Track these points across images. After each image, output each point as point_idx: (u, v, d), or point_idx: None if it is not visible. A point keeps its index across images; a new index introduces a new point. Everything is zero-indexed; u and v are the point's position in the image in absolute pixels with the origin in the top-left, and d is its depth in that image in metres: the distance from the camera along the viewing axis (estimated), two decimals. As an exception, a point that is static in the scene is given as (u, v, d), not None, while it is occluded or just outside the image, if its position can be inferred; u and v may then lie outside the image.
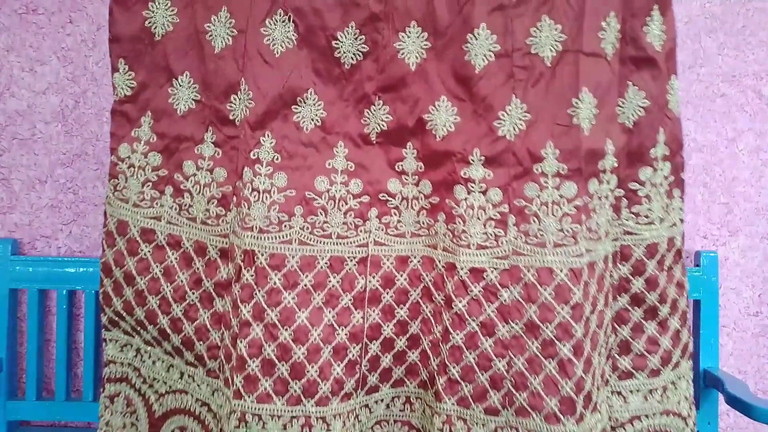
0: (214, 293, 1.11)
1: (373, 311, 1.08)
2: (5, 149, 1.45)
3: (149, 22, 1.09)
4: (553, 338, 0.99)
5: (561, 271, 1.00)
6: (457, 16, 1.00)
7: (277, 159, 1.05)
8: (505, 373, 1.01)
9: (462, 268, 1.03)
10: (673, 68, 1.07)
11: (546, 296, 1.00)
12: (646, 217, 1.09)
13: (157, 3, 1.08)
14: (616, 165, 1.05)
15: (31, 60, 1.43)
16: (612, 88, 1.02)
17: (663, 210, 1.10)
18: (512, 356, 1.01)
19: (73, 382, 1.47)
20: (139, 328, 1.17)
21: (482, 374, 1.02)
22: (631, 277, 1.11)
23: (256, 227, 1.04)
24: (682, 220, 1.13)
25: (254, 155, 1.05)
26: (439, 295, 1.06)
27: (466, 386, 1.03)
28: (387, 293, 1.08)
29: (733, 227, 1.58)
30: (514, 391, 1.00)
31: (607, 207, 1.06)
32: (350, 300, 1.07)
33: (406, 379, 1.12)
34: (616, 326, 1.12)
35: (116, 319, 1.18)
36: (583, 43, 0.98)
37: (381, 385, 1.11)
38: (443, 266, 1.06)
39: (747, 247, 1.57)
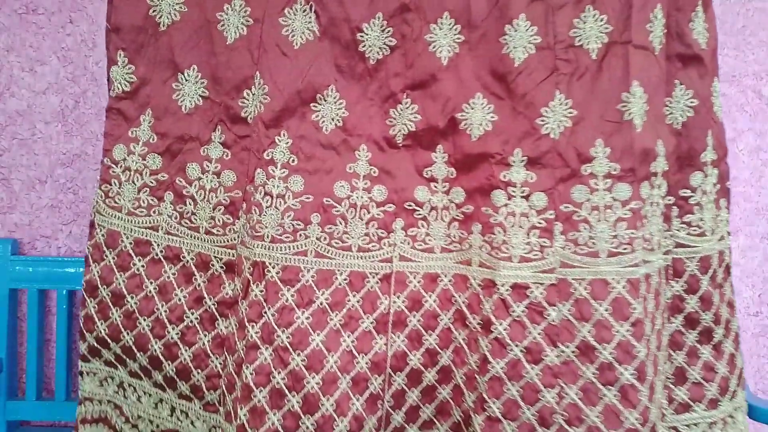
0: (216, 313, 0.90)
1: (398, 337, 0.87)
2: (5, 149, 1.35)
3: (153, 11, 0.92)
4: (612, 361, 0.80)
5: (618, 282, 0.81)
6: (493, 6, 0.86)
7: (293, 161, 0.86)
8: (555, 405, 0.80)
9: (503, 285, 0.83)
10: (716, 69, 0.92)
11: (601, 312, 0.81)
12: (698, 227, 0.92)
13: None
14: (666, 169, 0.88)
15: (31, 60, 1.34)
16: (660, 85, 0.87)
17: (713, 220, 0.93)
18: (563, 385, 0.80)
19: (73, 382, 1.34)
20: (125, 357, 0.94)
21: (528, 409, 0.81)
22: (685, 295, 0.92)
23: (268, 236, 0.84)
24: (729, 233, 0.96)
25: (268, 156, 0.86)
26: (474, 318, 0.86)
27: (509, 425, 0.81)
28: (414, 317, 0.88)
29: (733, 227, 1.45)
30: (567, 427, 0.79)
31: (659, 215, 0.88)
32: (372, 323, 0.86)
33: (436, 421, 0.89)
34: (671, 352, 0.92)
35: (98, 347, 0.95)
36: (632, 35, 0.83)
37: (407, 426, 0.88)
38: (479, 284, 0.86)
39: (747, 247, 1.45)
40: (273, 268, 0.84)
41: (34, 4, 1.33)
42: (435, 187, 0.89)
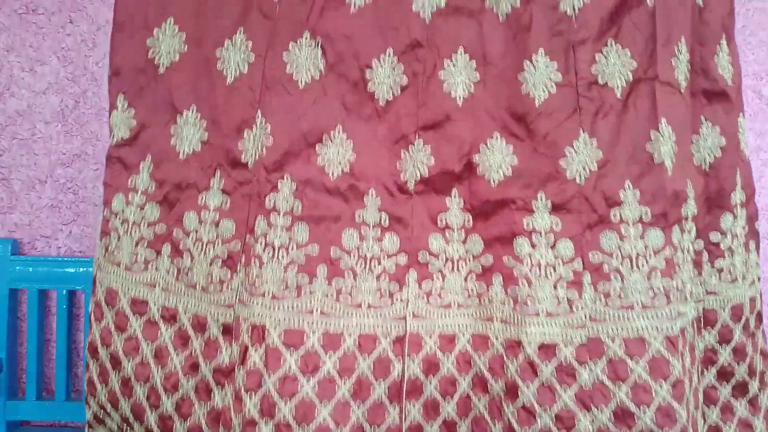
0: (212, 382, 0.76)
1: (413, 406, 0.74)
2: (5, 149, 1.30)
3: (153, 52, 0.81)
4: (654, 427, 0.69)
5: (655, 339, 0.71)
6: (510, 41, 0.77)
7: (297, 208, 0.75)
8: (592, 479, 0.69)
9: (529, 344, 0.72)
10: (741, 104, 0.85)
11: (639, 372, 0.70)
12: (730, 273, 0.82)
13: (163, 29, 0.80)
14: (695, 213, 0.80)
15: (31, 60, 1.29)
16: (687, 123, 0.79)
17: (743, 265, 0.85)
18: (600, 456, 0.70)
19: (73, 382, 1.28)
20: (126, 427, 0.80)
21: None
22: (717, 346, 0.82)
23: (269, 293, 0.73)
24: (759, 278, 0.87)
25: (270, 202, 0.75)
26: (497, 383, 0.74)
27: None
28: (430, 382, 0.75)
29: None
30: (607, 505, 0.68)
31: (689, 261, 0.79)
32: (384, 391, 0.74)
33: None
34: (704, 408, 0.83)
35: (101, 414, 0.81)
36: (658, 71, 0.75)
37: None
38: (502, 344, 0.74)
39: (747, 248, 1.36)
40: (274, 330, 0.72)
41: (34, 4, 1.28)
42: (450, 235, 0.78)
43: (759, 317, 0.85)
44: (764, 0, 1.35)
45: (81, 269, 1.25)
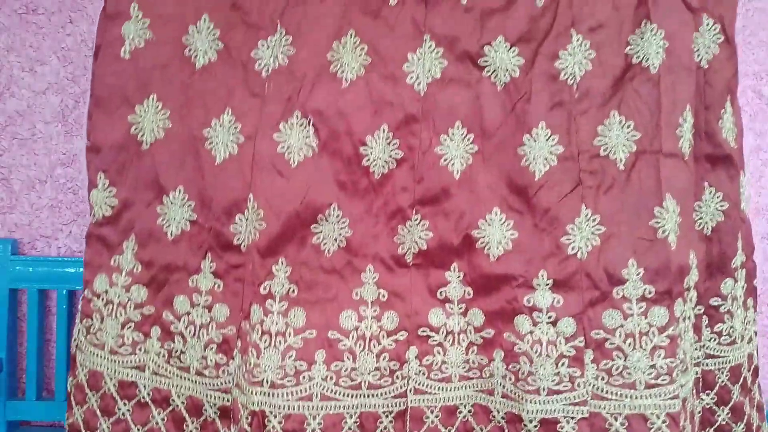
0: None
1: None
2: (5, 149, 1.28)
3: (135, 129, 0.75)
4: None
5: (657, 417, 0.69)
6: (509, 114, 0.72)
7: (293, 291, 0.71)
8: None
9: (531, 421, 0.70)
10: (743, 163, 0.81)
11: None
12: (729, 335, 0.80)
13: (145, 106, 0.74)
14: (697, 280, 0.77)
15: (31, 60, 1.26)
16: (690, 190, 0.74)
17: (742, 324, 0.82)
18: None
19: None
20: None
21: None
22: (716, 408, 0.80)
23: (267, 381, 0.69)
24: (756, 333, 0.85)
25: (265, 289, 0.71)
26: None
27: None
28: None
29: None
30: None
31: (690, 329, 0.77)
32: None
33: None
34: None
35: None
36: (662, 143, 0.71)
37: None
38: (503, 417, 0.72)
39: (748, 248, 1.33)
40: (274, 417, 0.69)
41: (34, 4, 1.25)
42: (450, 308, 0.75)
43: (755, 372, 0.83)
44: (764, 0, 1.28)
45: (81, 269, 1.16)
